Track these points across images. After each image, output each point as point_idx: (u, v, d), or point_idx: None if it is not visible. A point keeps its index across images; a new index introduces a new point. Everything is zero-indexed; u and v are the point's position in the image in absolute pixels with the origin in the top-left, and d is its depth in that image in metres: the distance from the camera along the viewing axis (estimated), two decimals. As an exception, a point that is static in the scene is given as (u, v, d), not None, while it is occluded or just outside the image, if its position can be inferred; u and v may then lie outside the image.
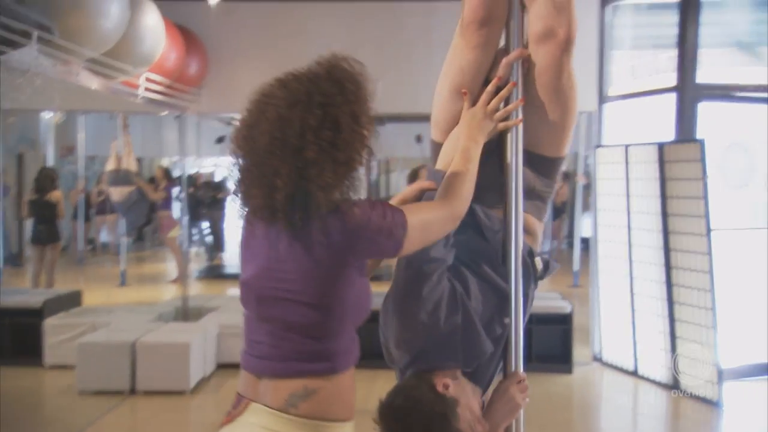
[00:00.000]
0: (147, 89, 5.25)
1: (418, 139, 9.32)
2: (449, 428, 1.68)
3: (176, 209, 9.55)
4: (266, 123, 1.49)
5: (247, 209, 1.60)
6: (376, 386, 2.23)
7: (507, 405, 1.80)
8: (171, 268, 11.72)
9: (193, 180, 11.00)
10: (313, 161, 1.47)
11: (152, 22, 4.91)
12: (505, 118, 1.81)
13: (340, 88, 1.52)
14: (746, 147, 5.99)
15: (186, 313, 6.33)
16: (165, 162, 15.10)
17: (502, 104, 1.81)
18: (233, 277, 10.69)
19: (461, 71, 1.85)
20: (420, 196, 1.85)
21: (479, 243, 1.83)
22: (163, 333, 5.47)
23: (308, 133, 1.47)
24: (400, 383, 1.81)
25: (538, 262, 1.89)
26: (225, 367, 5.76)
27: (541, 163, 1.89)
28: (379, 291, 1.84)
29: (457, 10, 1.87)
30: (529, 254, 1.88)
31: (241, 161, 1.56)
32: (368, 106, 1.56)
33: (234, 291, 9.44)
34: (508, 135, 1.82)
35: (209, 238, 11.30)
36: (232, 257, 12.89)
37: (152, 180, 10.63)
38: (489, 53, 1.84)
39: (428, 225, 1.62)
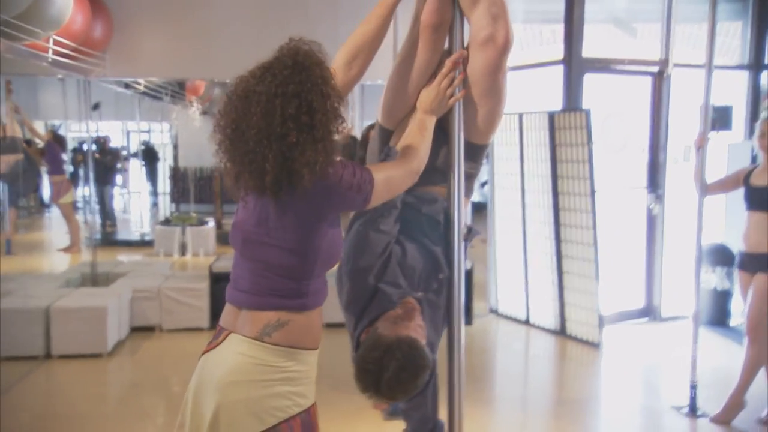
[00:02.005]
0: (55, 52, 5.16)
1: None
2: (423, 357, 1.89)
3: (73, 173, 9.19)
4: (253, 117, 1.69)
5: (240, 188, 1.81)
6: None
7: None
8: (54, 235, 11.34)
9: (100, 145, 10.65)
10: (295, 144, 1.70)
11: (61, -16, 4.83)
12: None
13: (308, 74, 1.73)
14: (622, 115, 6.62)
15: (95, 278, 6.31)
16: (40, 125, 14.39)
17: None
18: (125, 244, 10.55)
19: (416, 68, 2.11)
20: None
21: (414, 216, 2.16)
22: (78, 297, 5.48)
23: (289, 122, 1.69)
24: (369, 343, 1.95)
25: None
26: (138, 330, 5.88)
27: (469, 149, 2.18)
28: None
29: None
30: None
31: (229, 150, 1.75)
32: (333, 81, 1.78)
33: (125, 257, 9.30)
34: (452, 117, 2.11)
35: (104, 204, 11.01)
36: (121, 224, 12.63)
37: (28, 142, 10.18)
38: (438, 53, 2.12)
39: (391, 180, 1.90)
